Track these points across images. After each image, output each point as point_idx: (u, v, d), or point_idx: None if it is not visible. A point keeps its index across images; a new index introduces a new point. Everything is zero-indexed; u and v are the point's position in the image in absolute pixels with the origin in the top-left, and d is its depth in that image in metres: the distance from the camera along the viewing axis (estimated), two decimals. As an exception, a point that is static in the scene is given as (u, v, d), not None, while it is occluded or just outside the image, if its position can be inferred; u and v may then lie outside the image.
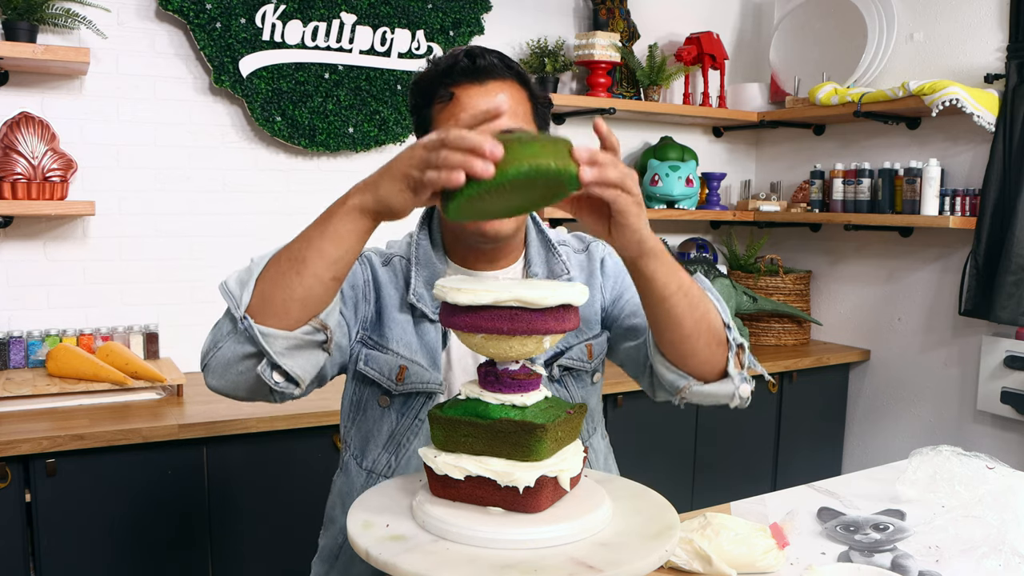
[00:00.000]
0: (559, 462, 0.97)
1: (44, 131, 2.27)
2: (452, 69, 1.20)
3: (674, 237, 3.53)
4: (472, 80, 1.20)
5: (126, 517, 2.02)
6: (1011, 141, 2.69)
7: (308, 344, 1.06)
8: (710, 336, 1.15)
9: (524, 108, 1.23)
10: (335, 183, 2.79)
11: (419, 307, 1.29)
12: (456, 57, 1.21)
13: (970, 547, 1.30)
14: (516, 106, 1.22)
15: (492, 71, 1.20)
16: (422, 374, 1.28)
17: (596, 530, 0.96)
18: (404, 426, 1.30)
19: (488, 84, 1.20)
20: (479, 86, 1.20)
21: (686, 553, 1.21)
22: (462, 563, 0.89)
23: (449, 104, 1.20)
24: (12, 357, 2.36)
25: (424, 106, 1.24)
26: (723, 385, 1.19)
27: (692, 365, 1.17)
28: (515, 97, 1.22)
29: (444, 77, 1.21)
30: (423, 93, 1.24)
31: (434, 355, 1.29)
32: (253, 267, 1.08)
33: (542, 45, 3.03)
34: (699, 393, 1.20)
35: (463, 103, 1.19)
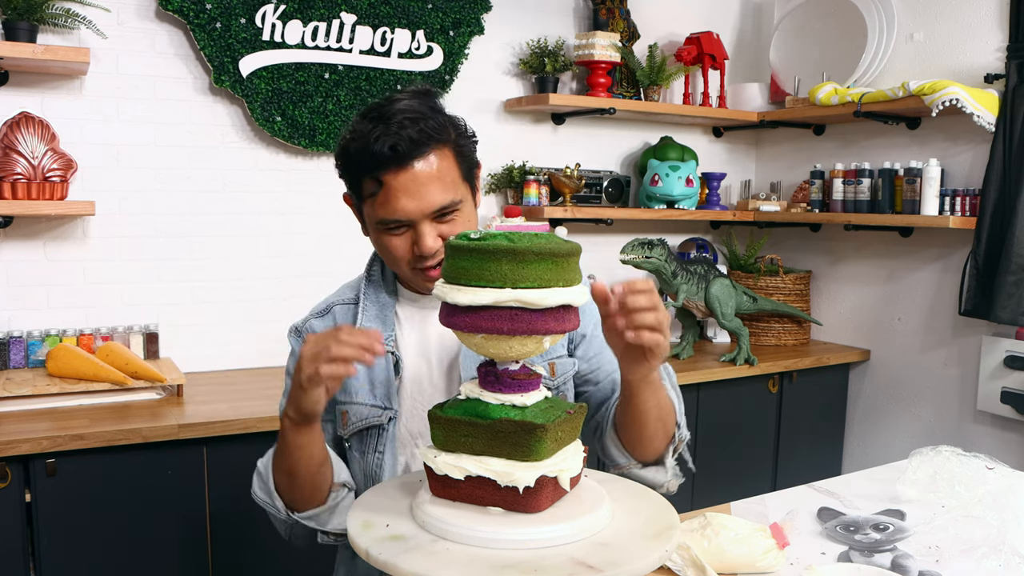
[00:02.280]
0: (559, 462, 0.97)
1: (44, 131, 2.27)
2: (374, 158, 1.20)
3: (674, 237, 3.53)
4: (398, 166, 1.20)
5: (126, 517, 2.02)
6: (1011, 141, 2.69)
7: (340, 504, 1.26)
8: (664, 434, 1.29)
9: (453, 174, 1.24)
10: (335, 183, 2.76)
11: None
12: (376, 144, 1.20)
13: (970, 547, 1.30)
14: (444, 177, 1.23)
15: (411, 153, 1.20)
16: (361, 411, 1.32)
17: (596, 530, 0.96)
18: (369, 462, 1.33)
19: (412, 166, 1.20)
20: (405, 171, 1.20)
21: (681, 559, 1.21)
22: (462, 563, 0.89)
23: (380, 193, 1.22)
24: (12, 357, 2.36)
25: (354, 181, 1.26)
26: (657, 473, 1.32)
27: (638, 453, 1.30)
28: (442, 168, 1.23)
29: (369, 165, 1.22)
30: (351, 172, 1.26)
31: (386, 386, 1.32)
32: (266, 477, 1.25)
33: (542, 45, 3.03)
34: (635, 475, 1.32)
35: (393, 190, 1.21)
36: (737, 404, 2.99)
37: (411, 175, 1.20)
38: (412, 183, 1.20)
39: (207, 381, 2.48)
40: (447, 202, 1.22)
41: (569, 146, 3.25)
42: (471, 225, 1.28)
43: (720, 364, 2.93)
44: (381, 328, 1.33)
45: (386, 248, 1.27)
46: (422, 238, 1.22)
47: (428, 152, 1.21)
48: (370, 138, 1.20)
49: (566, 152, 3.24)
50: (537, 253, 0.93)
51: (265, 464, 1.25)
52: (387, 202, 1.21)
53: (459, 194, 1.25)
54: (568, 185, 2.99)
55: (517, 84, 3.12)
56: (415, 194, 1.20)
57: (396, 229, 1.24)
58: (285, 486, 1.22)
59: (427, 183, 1.21)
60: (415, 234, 1.23)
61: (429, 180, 1.21)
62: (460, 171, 1.26)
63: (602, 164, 3.34)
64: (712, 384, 2.89)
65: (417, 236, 1.23)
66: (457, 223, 1.25)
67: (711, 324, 3.36)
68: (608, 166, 3.36)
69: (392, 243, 1.25)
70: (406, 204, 1.21)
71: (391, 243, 1.25)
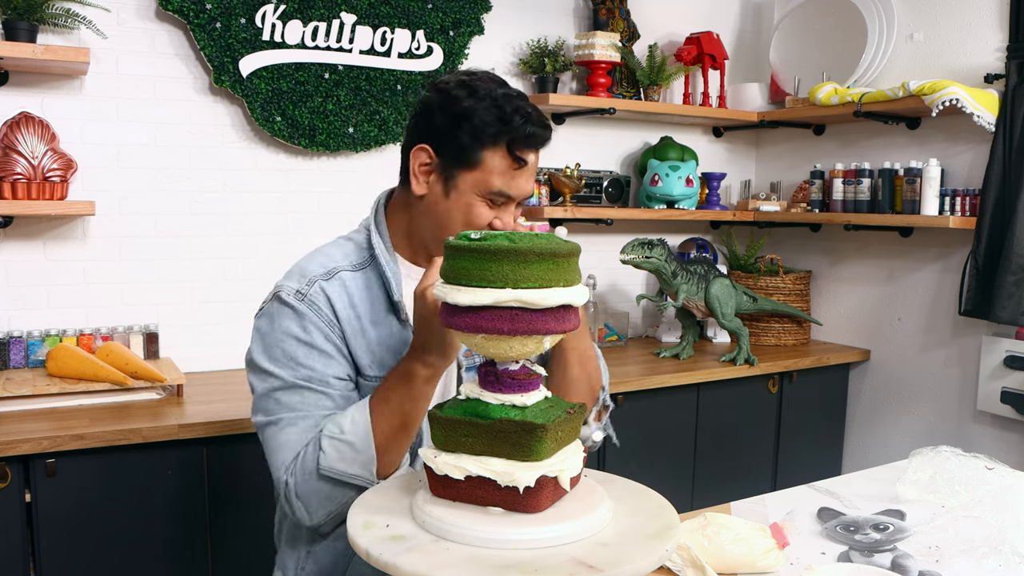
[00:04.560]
0: (559, 462, 0.97)
1: (44, 131, 2.27)
2: (530, 137, 1.27)
3: (674, 237, 3.53)
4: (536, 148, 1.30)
5: (126, 517, 2.02)
6: (1011, 141, 2.69)
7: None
8: (587, 388, 1.39)
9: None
10: (335, 183, 2.80)
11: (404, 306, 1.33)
12: (529, 126, 1.26)
13: (970, 547, 1.30)
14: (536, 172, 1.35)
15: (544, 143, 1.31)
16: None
17: (596, 530, 0.96)
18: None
19: (536, 155, 1.32)
20: (534, 155, 1.31)
21: (681, 559, 1.21)
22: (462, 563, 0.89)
23: (518, 168, 1.28)
24: (12, 357, 2.36)
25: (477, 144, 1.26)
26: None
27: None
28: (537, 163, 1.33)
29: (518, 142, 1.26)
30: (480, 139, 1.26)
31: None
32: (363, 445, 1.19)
33: (542, 45, 3.03)
34: None
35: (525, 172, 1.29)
36: (737, 404, 2.99)
37: (535, 160, 1.32)
38: (532, 168, 1.31)
39: (207, 381, 2.48)
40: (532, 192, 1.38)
41: (569, 146, 3.25)
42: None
43: (720, 364, 2.93)
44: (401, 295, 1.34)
45: (473, 216, 1.29)
46: (508, 216, 1.30)
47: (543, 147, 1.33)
48: (522, 113, 1.26)
49: (566, 152, 3.24)
50: (538, 253, 0.93)
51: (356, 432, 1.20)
52: (514, 178, 1.28)
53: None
54: (568, 185, 3.00)
55: (517, 84, 3.12)
56: (530, 178, 1.31)
57: (498, 203, 1.29)
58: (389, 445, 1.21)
59: (534, 172, 1.33)
60: (502, 211, 1.30)
61: (534, 172, 1.33)
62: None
63: (602, 164, 3.34)
64: (712, 384, 2.89)
65: (504, 214, 1.30)
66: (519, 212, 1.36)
67: (711, 324, 3.36)
68: (608, 166, 3.36)
69: (482, 212, 1.29)
70: (525, 185, 1.30)
71: (480, 211, 1.29)
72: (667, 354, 3.04)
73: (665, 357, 3.03)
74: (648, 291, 3.46)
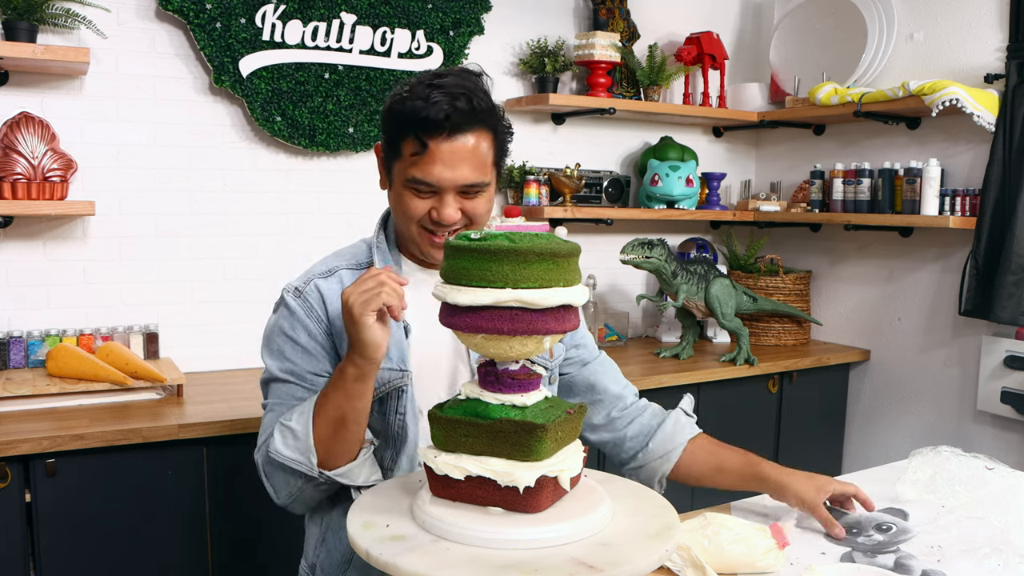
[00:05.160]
0: (559, 462, 0.97)
1: (44, 131, 2.27)
2: (427, 122, 1.25)
3: (674, 237, 3.53)
4: (441, 135, 1.26)
5: (126, 517, 2.02)
6: (1011, 141, 2.69)
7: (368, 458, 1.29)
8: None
9: (489, 158, 1.32)
10: (335, 183, 2.79)
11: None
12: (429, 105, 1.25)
13: (972, 547, 1.30)
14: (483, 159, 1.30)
15: (463, 125, 1.27)
16: (382, 376, 1.33)
17: (596, 530, 0.96)
18: (392, 423, 1.35)
19: (457, 139, 1.27)
20: (449, 141, 1.27)
21: (681, 559, 1.21)
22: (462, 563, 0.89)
23: (422, 154, 1.28)
24: (12, 357, 2.36)
25: (397, 137, 1.30)
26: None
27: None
28: (482, 150, 1.30)
29: (422, 124, 1.26)
30: (398, 127, 1.30)
31: (400, 349, 1.34)
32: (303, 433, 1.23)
33: (542, 45, 3.03)
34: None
35: (434, 156, 1.27)
36: (737, 404, 2.99)
37: (453, 147, 1.27)
38: (452, 155, 1.27)
39: (207, 381, 2.48)
40: (477, 180, 1.29)
41: (569, 146, 3.25)
42: (490, 208, 1.35)
43: (720, 364, 2.93)
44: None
45: (405, 205, 1.32)
46: (445, 208, 1.29)
47: (474, 130, 1.28)
48: (428, 101, 1.25)
49: (566, 152, 3.24)
50: (538, 253, 0.93)
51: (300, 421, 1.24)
52: (425, 166, 1.28)
53: (488, 177, 1.32)
54: (568, 185, 2.99)
55: (517, 84, 3.12)
56: (452, 165, 1.27)
57: (424, 192, 1.30)
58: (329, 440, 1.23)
59: (465, 158, 1.28)
60: (438, 202, 1.30)
61: (467, 156, 1.28)
62: (495, 156, 1.33)
63: (602, 164, 3.34)
64: (712, 384, 2.89)
65: (440, 205, 1.29)
66: (479, 203, 1.32)
67: (711, 324, 3.36)
68: (608, 166, 3.36)
69: (413, 203, 1.31)
70: (442, 172, 1.27)
71: (412, 202, 1.31)
72: (667, 354, 3.04)
73: (665, 357, 3.02)
74: (648, 291, 3.46)
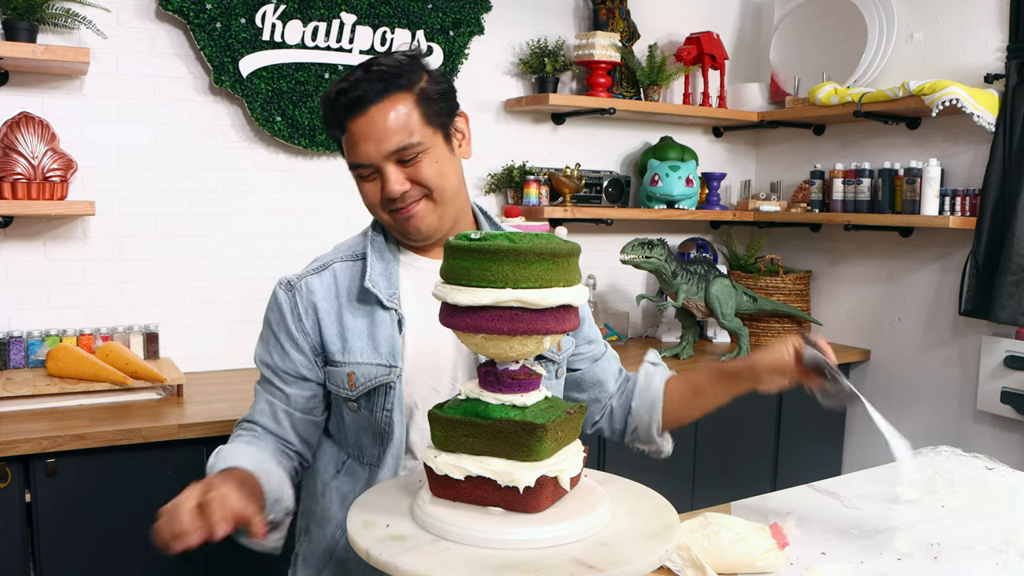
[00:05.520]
0: (559, 462, 0.97)
1: (44, 131, 2.27)
2: (336, 107, 1.29)
3: (674, 237, 3.53)
4: (356, 112, 1.28)
5: (126, 517, 2.02)
6: (1011, 141, 2.69)
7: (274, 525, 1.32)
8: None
9: (414, 119, 1.30)
10: (335, 183, 2.79)
11: (373, 292, 1.35)
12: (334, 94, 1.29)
13: (971, 546, 1.30)
14: (404, 121, 1.28)
15: (367, 97, 1.27)
16: (368, 371, 1.33)
17: (596, 530, 0.96)
18: (379, 419, 1.35)
19: (369, 111, 1.28)
20: (363, 116, 1.28)
21: (681, 559, 1.21)
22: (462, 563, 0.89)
23: (345, 137, 1.31)
24: (12, 357, 2.36)
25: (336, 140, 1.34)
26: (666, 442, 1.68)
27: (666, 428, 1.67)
28: (401, 113, 1.28)
29: (336, 111, 1.30)
30: (328, 129, 1.34)
31: (391, 344, 1.34)
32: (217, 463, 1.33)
33: (542, 45, 3.03)
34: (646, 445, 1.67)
35: (354, 135, 1.29)
36: (737, 404, 2.97)
37: (367, 119, 1.27)
38: (369, 127, 1.27)
39: (207, 381, 2.48)
40: (404, 144, 1.27)
41: (569, 146, 3.25)
42: (447, 171, 1.33)
43: (720, 364, 2.93)
44: (388, 285, 1.36)
45: (363, 195, 1.34)
46: (387, 181, 1.29)
47: (383, 98, 1.27)
48: (332, 91, 1.29)
49: (566, 152, 3.24)
50: (538, 253, 0.93)
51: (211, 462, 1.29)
52: (351, 147, 1.30)
53: (421, 137, 1.29)
54: (568, 185, 2.99)
55: (517, 84, 3.13)
56: (372, 137, 1.27)
57: (366, 176, 1.31)
58: None
59: (384, 127, 1.27)
60: (382, 179, 1.30)
61: (384, 124, 1.27)
62: (422, 116, 1.30)
63: (602, 164, 3.34)
64: (712, 384, 2.88)
65: (383, 180, 1.30)
66: (424, 166, 1.30)
67: (711, 324, 3.36)
68: (608, 166, 3.36)
69: (365, 188, 1.33)
70: (366, 147, 1.28)
71: (364, 188, 1.33)
72: (667, 354, 3.04)
73: (665, 357, 3.02)
74: (648, 291, 3.46)
